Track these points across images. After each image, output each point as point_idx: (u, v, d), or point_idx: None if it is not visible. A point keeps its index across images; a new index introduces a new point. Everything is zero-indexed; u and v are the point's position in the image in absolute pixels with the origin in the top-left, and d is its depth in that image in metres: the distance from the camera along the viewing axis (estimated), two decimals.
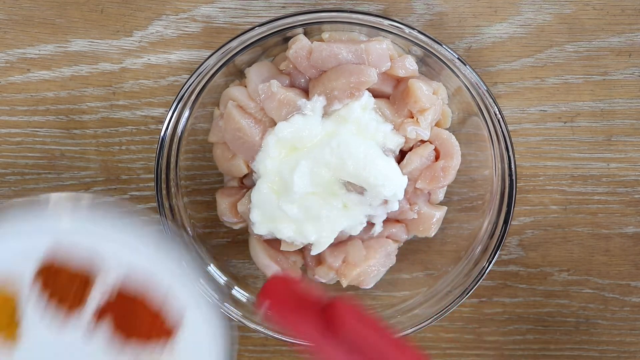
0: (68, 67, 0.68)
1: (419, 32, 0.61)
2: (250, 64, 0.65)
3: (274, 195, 0.64)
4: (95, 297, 0.48)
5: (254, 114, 0.64)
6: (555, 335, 0.71)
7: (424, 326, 0.64)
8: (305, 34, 0.64)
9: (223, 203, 0.66)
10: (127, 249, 0.48)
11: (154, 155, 0.63)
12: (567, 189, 0.69)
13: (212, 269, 0.67)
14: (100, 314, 0.49)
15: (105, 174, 0.69)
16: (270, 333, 0.65)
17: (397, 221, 0.67)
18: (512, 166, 0.63)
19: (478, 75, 0.62)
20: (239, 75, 0.66)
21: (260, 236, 0.66)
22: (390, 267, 0.68)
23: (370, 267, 0.66)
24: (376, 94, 0.65)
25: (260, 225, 0.65)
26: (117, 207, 0.48)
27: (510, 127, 0.65)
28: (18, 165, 0.69)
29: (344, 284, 0.66)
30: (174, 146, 0.65)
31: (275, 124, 0.63)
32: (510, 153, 0.63)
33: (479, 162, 0.66)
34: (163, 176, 0.64)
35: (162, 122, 0.64)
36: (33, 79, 0.68)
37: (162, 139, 0.63)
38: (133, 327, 0.49)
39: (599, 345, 0.71)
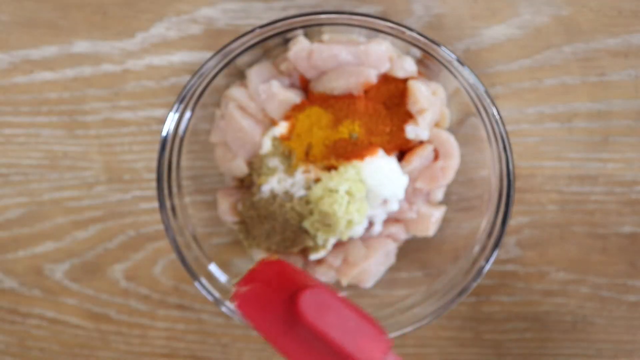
0: (71, 68, 0.69)
1: (418, 33, 0.62)
2: (250, 65, 0.65)
3: None
4: None
5: (254, 114, 0.65)
6: (552, 334, 0.71)
7: (422, 325, 0.65)
8: (306, 35, 0.64)
9: (224, 203, 0.67)
10: None
11: (156, 155, 0.64)
12: (564, 189, 0.69)
13: (213, 268, 0.67)
14: None
15: (107, 174, 0.70)
16: None
17: (397, 221, 0.67)
18: (510, 166, 0.63)
19: (476, 77, 0.62)
20: (240, 76, 0.66)
21: None
22: (390, 267, 0.68)
23: (370, 266, 0.66)
24: None
25: None
26: None
27: (508, 128, 0.65)
28: (21, 165, 0.70)
29: (344, 283, 0.67)
30: (176, 146, 0.65)
31: (275, 124, 0.64)
32: (508, 153, 0.63)
33: (477, 162, 0.67)
34: (165, 176, 0.64)
35: (164, 123, 0.64)
36: (36, 80, 0.69)
37: (164, 139, 0.64)
38: None
39: (596, 343, 0.71)
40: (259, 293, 0.54)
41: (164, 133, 0.64)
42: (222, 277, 0.67)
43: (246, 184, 0.67)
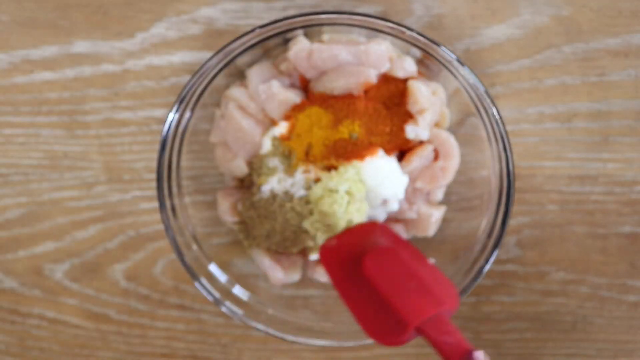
0: (71, 68, 0.69)
1: (418, 33, 0.62)
2: (250, 65, 0.65)
3: None
4: None
5: (254, 114, 0.65)
6: (552, 334, 0.71)
7: None
8: (306, 35, 0.64)
9: (224, 203, 0.67)
10: None
11: (156, 155, 0.64)
12: (564, 189, 0.69)
13: (213, 268, 0.67)
14: None
15: (107, 174, 0.70)
16: (271, 331, 0.66)
17: (397, 221, 0.67)
18: (510, 166, 0.63)
19: (476, 77, 0.62)
20: (240, 76, 0.66)
21: None
22: None
23: None
24: None
25: None
26: None
27: (508, 128, 0.65)
28: (22, 165, 0.70)
29: None
30: (176, 146, 0.65)
31: (275, 124, 0.64)
32: (508, 153, 0.63)
33: (477, 162, 0.67)
34: (165, 176, 0.64)
35: (164, 123, 0.64)
36: (36, 80, 0.69)
37: (164, 139, 0.64)
38: None
39: (595, 343, 0.71)
40: (341, 246, 0.61)
41: (164, 133, 0.64)
42: (222, 277, 0.67)
43: (246, 184, 0.67)
